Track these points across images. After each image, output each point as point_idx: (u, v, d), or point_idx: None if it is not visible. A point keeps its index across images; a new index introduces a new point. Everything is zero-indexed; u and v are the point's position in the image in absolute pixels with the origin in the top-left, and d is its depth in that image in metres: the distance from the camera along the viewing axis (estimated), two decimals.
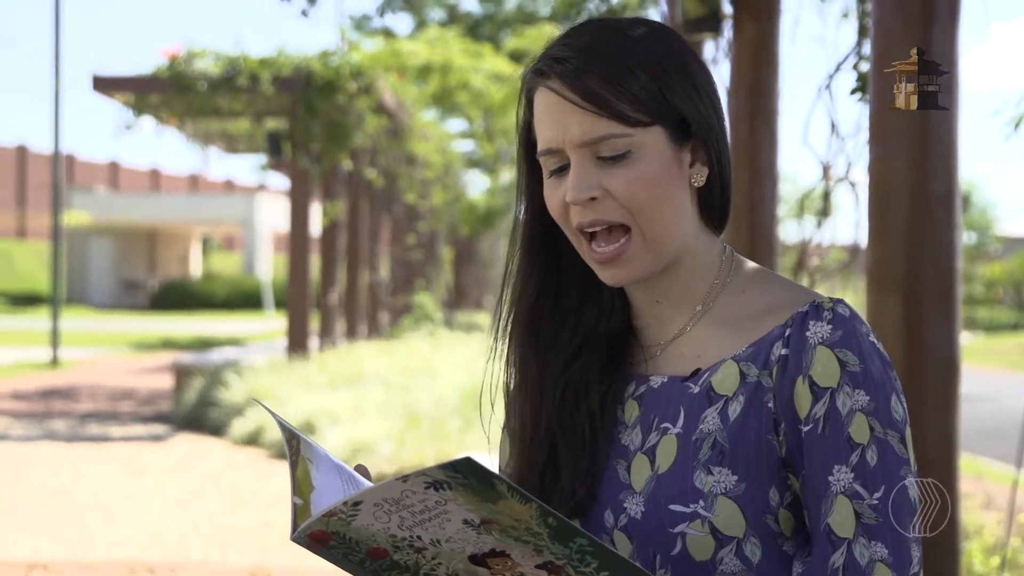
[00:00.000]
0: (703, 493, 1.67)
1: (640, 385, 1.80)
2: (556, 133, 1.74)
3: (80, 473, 12.25)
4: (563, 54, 1.75)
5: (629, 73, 1.72)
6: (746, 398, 1.70)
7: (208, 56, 16.68)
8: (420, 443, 10.71)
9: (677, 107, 1.74)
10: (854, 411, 1.65)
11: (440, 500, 1.53)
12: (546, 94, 1.75)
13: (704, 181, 1.78)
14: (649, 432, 1.75)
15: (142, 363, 26.15)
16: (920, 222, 4.38)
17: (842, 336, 1.67)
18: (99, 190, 57.70)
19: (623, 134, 1.71)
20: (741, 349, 1.73)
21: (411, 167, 23.38)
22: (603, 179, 1.72)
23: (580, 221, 1.75)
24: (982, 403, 17.29)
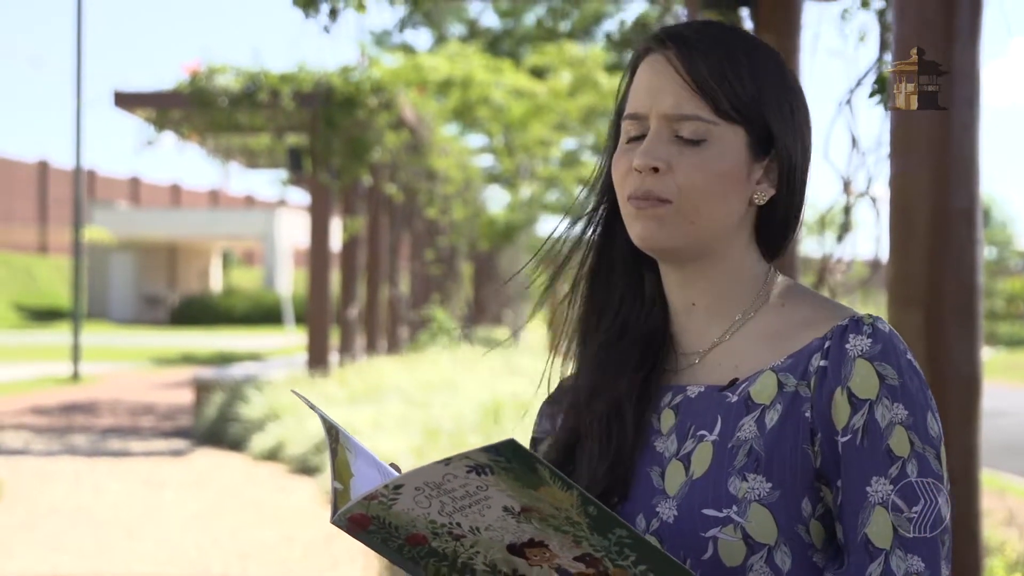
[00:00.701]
0: (737, 499, 1.68)
1: (677, 395, 1.82)
2: (648, 99, 1.79)
3: (101, 488, 12.27)
4: (686, 32, 1.80)
5: (739, 70, 1.77)
6: (784, 407, 1.71)
7: (229, 72, 16.73)
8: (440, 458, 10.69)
9: (768, 118, 1.78)
10: (893, 424, 1.66)
11: (481, 485, 1.53)
12: (656, 61, 1.80)
13: (765, 200, 1.80)
14: (685, 439, 1.77)
15: (162, 378, 26.20)
16: (941, 237, 4.37)
17: (881, 350, 1.69)
18: (120, 205, 57.85)
19: (708, 120, 1.75)
20: (779, 360, 1.75)
21: (431, 182, 23.41)
22: (672, 155, 1.76)
23: (636, 186, 1.78)
24: (1003, 418, 17.23)
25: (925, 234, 4.39)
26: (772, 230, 1.84)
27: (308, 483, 12.31)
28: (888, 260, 4.63)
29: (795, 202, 1.83)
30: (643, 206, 1.77)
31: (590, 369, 1.88)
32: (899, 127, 4.49)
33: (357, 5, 6.86)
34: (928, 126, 4.37)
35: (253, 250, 67.59)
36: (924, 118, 4.38)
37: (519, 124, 29.51)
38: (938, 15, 4.29)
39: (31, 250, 58.33)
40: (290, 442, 13.61)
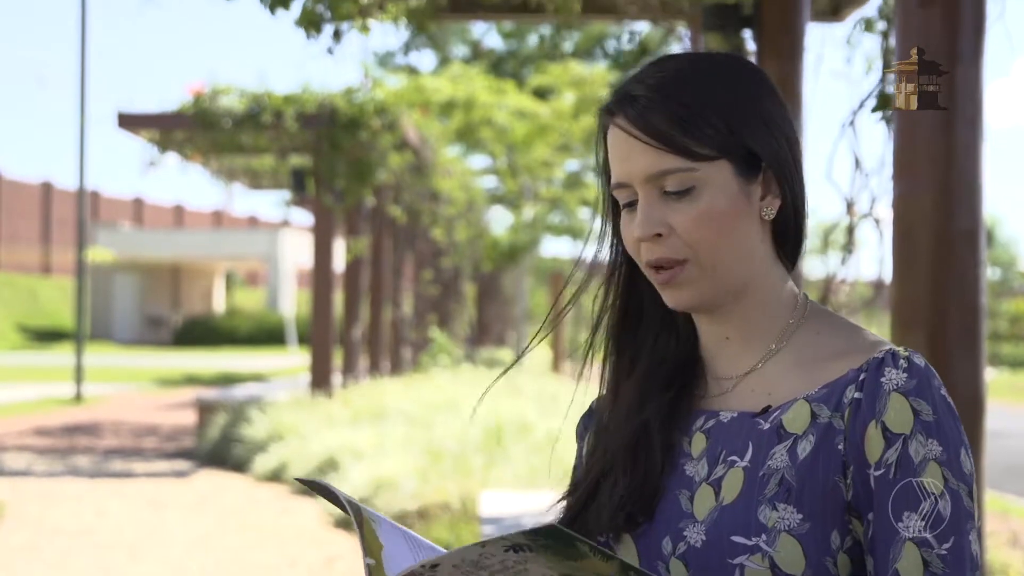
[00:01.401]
0: (766, 528, 1.67)
1: (709, 420, 1.81)
2: (624, 168, 1.78)
3: (103, 509, 12.26)
4: (634, 91, 1.78)
5: (697, 111, 1.74)
6: (816, 438, 1.70)
7: (233, 93, 16.75)
8: (443, 479, 10.69)
9: (746, 142, 1.76)
10: (927, 460, 1.65)
11: (519, 560, 1.53)
12: (615, 131, 1.79)
13: (775, 214, 1.80)
14: (716, 464, 1.76)
15: (165, 399, 26.19)
16: (944, 258, 4.38)
17: (917, 385, 1.68)
18: (123, 226, 57.89)
19: (687, 168, 1.74)
20: (814, 390, 1.74)
21: (434, 203, 23.42)
22: (668, 215, 1.75)
23: (648, 258, 1.78)
24: (1007, 439, 17.21)
25: (928, 255, 4.39)
26: (791, 233, 1.84)
27: (311, 505, 12.29)
28: (891, 281, 4.63)
29: (800, 196, 1.83)
30: (663, 276, 1.77)
31: (623, 396, 1.88)
32: (902, 148, 4.49)
33: (361, 27, 6.88)
34: (931, 147, 4.37)
35: (256, 271, 67.61)
36: (927, 139, 4.38)
37: (522, 145, 29.53)
38: (941, 36, 4.30)
39: (34, 271, 58.38)
40: (293, 463, 13.59)
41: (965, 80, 4.34)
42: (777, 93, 1.83)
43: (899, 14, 4.52)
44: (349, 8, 6.63)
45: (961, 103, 4.33)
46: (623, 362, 1.90)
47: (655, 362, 1.87)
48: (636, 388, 1.87)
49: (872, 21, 6.95)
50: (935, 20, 4.33)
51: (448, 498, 10.09)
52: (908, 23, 4.44)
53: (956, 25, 4.30)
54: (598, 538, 1.79)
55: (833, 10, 8.04)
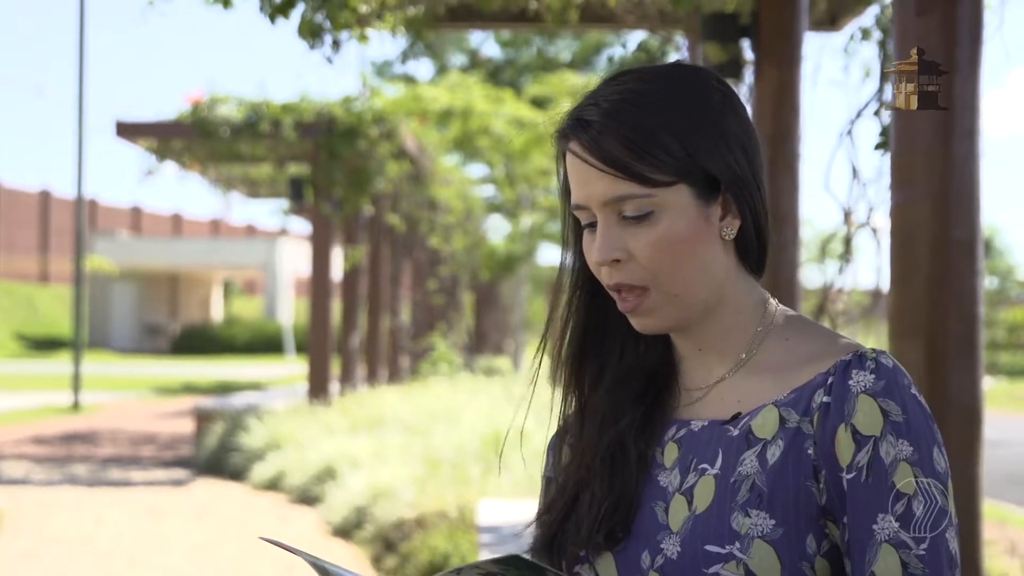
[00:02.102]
0: (739, 535, 1.67)
1: (680, 429, 1.81)
2: (582, 192, 1.77)
3: (102, 518, 12.25)
4: (587, 116, 1.76)
5: (651, 136, 1.73)
6: (785, 443, 1.70)
7: (231, 102, 16.76)
8: (441, 488, 10.68)
9: (703, 165, 1.74)
10: (898, 461, 1.65)
11: None
12: (571, 152, 1.78)
13: (735, 233, 1.78)
14: (687, 473, 1.76)
15: (163, 407, 26.18)
16: (942, 268, 4.39)
17: (885, 386, 1.68)
18: (121, 235, 57.85)
19: (644, 195, 1.73)
20: (782, 395, 1.74)
21: (432, 212, 23.43)
22: (627, 239, 1.75)
23: (608, 282, 1.78)
24: (1005, 448, 17.21)
25: (926, 264, 4.40)
26: (753, 248, 1.82)
27: (309, 513, 12.29)
28: (889, 290, 4.64)
29: (761, 212, 1.81)
30: (627, 305, 1.77)
31: (593, 408, 1.88)
32: (900, 157, 4.50)
33: (360, 36, 6.89)
34: (929, 157, 4.39)
35: (254, 279, 67.58)
36: (925, 149, 4.39)
37: (520, 154, 29.54)
38: (938, 46, 4.31)
39: (32, 279, 58.34)
40: (291, 472, 13.59)
41: (963, 90, 4.36)
42: (739, 106, 1.81)
43: (896, 24, 4.53)
44: (348, 17, 6.65)
45: (959, 113, 4.34)
46: (590, 375, 1.89)
47: (623, 373, 1.87)
48: (607, 401, 1.86)
49: (869, 30, 6.97)
50: (932, 30, 4.34)
51: (446, 507, 10.09)
52: (905, 33, 4.45)
53: (953, 35, 4.31)
54: (579, 553, 1.79)
55: (831, 19, 8.06)
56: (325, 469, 12.89)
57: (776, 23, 7.00)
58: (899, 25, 4.50)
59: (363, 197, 17.50)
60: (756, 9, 7.10)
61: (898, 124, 4.51)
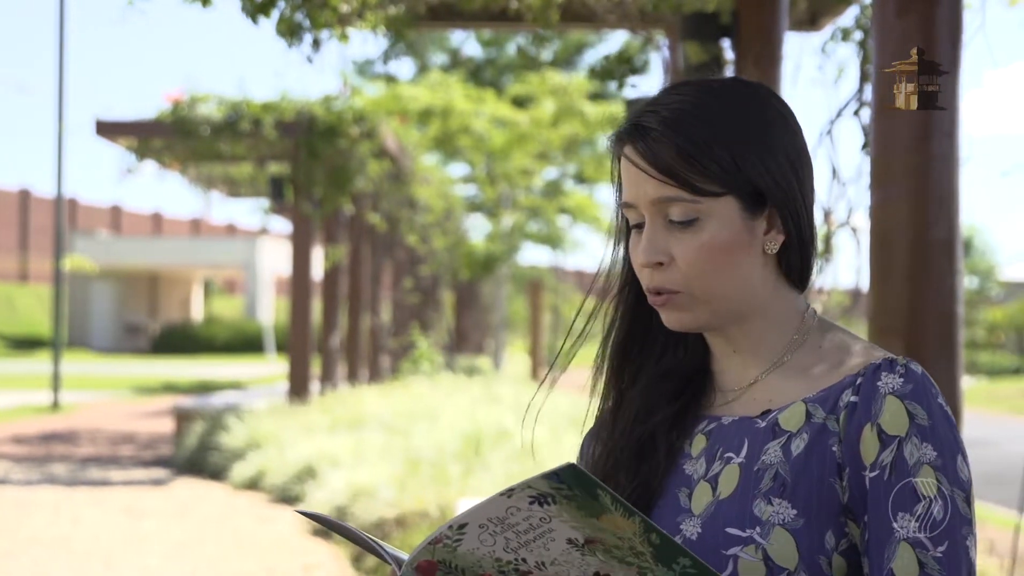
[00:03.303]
0: (761, 521, 1.70)
1: (711, 423, 1.85)
2: (633, 192, 1.82)
3: (80, 518, 12.22)
4: (646, 123, 1.81)
5: (705, 148, 1.77)
6: (810, 437, 1.73)
7: (211, 101, 16.73)
8: (421, 488, 10.68)
9: (752, 179, 1.79)
10: (921, 463, 1.67)
11: (544, 517, 1.53)
12: (626, 155, 1.82)
13: (778, 248, 1.83)
14: (713, 461, 1.80)
15: (143, 407, 26.12)
16: (921, 267, 4.39)
17: (913, 390, 1.71)
18: (101, 234, 57.73)
19: (692, 200, 1.77)
20: (812, 393, 1.77)
21: (412, 211, 23.42)
22: (672, 244, 1.79)
23: (647, 284, 1.83)
24: (984, 448, 17.25)
25: (905, 264, 4.40)
26: (796, 263, 1.86)
27: (289, 512, 12.27)
28: (869, 289, 4.64)
29: (807, 228, 1.86)
30: (658, 301, 1.82)
31: (628, 405, 1.92)
32: (879, 157, 4.51)
33: (340, 35, 6.87)
34: (908, 157, 4.39)
35: (235, 279, 67.48)
36: (904, 149, 4.40)
37: (501, 153, 29.53)
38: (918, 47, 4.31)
39: (11, 278, 58.20)
40: (271, 471, 13.57)
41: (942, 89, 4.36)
42: (793, 124, 1.85)
43: (876, 24, 4.53)
44: (328, 17, 6.63)
45: (938, 113, 4.34)
46: (628, 375, 1.93)
47: (660, 374, 1.91)
48: (642, 398, 1.90)
49: (849, 31, 6.98)
50: (912, 30, 4.35)
51: (426, 506, 10.08)
52: (885, 33, 4.45)
53: (933, 36, 4.32)
54: None
55: (811, 19, 8.06)
56: (305, 468, 12.88)
57: (756, 23, 7.01)
58: (879, 25, 4.50)
59: (343, 196, 17.49)
60: (736, 9, 7.10)
61: (877, 124, 4.51)
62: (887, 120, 4.43)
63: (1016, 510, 6.20)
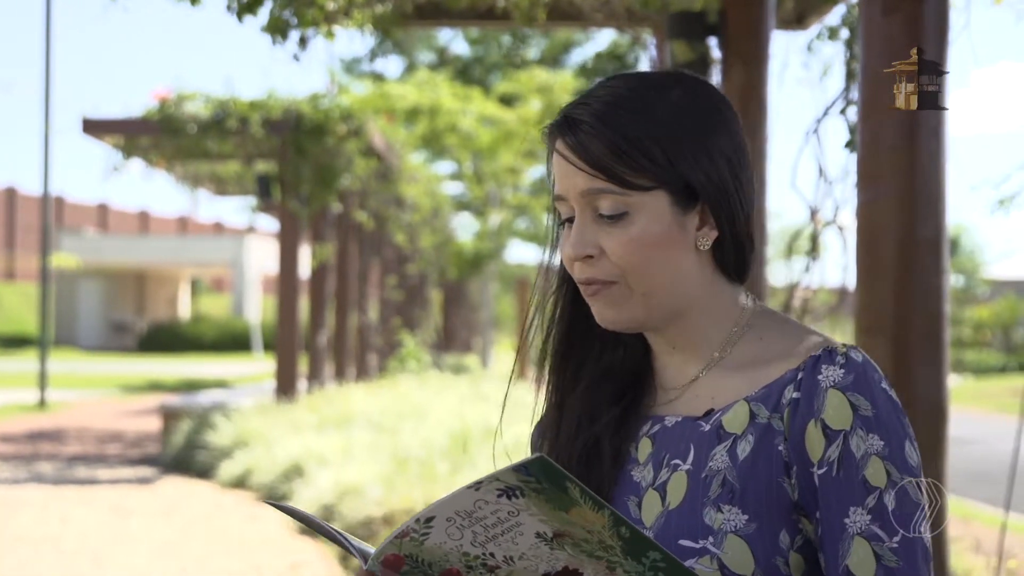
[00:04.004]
0: (712, 530, 1.68)
1: (655, 425, 1.83)
2: (563, 185, 1.80)
3: (67, 516, 12.20)
4: (578, 116, 1.79)
5: (636, 142, 1.75)
6: (755, 438, 1.71)
7: (198, 99, 16.71)
8: (409, 486, 10.67)
9: (684, 174, 1.76)
10: (869, 455, 1.66)
11: (513, 510, 1.52)
12: (557, 148, 1.81)
13: (710, 244, 1.80)
14: (660, 468, 1.78)
15: (130, 405, 26.08)
16: (908, 266, 4.40)
17: (854, 380, 1.69)
18: (88, 232, 57.65)
19: (621, 193, 1.75)
20: (754, 391, 1.75)
21: (400, 210, 23.41)
22: (601, 237, 1.77)
23: (578, 276, 1.81)
24: (970, 446, 17.29)
25: (892, 263, 4.41)
26: (731, 259, 1.83)
27: (276, 512, 12.24)
28: (855, 288, 4.66)
29: (742, 227, 1.82)
30: (591, 291, 1.80)
31: (571, 408, 1.89)
32: (866, 157, 4.52)
33: (327, 33, 6.87)
34: (895, 155, 4.40)
35: (222, 277, 67.42)
36: (891, 148, 4.41)
37: (488, 152, 29.53)
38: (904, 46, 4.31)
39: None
40: (258, 470, 13.55)
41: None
42: (731, 119, 1.83)
43: (862, 23, 4.54)
44: (315, 15, 6.63)
45: (924, 112, 4.35)
46: (569, 373, 1.91)
47: (601, 374, 1.89)
48: (584, 400, 1.88)
49: (836, 29, 6.99)
50: (898, 29, 4.36)
51: (414, 505, 10.07)
52: (872, 32, 4.46)
53: (919, 35, 4.33)
54: None
55: (798, 18, 8.07)
56: (292, 467, 12.87)
57: (743, 22, 7.02)
58: (865, 24, 4.52)
59: (330, 194, 17.47)
60: (723, 8, 7.11)
61: (864, 123, 4.52)
62: (874, 119, 4.44)
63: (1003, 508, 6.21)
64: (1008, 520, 6.19)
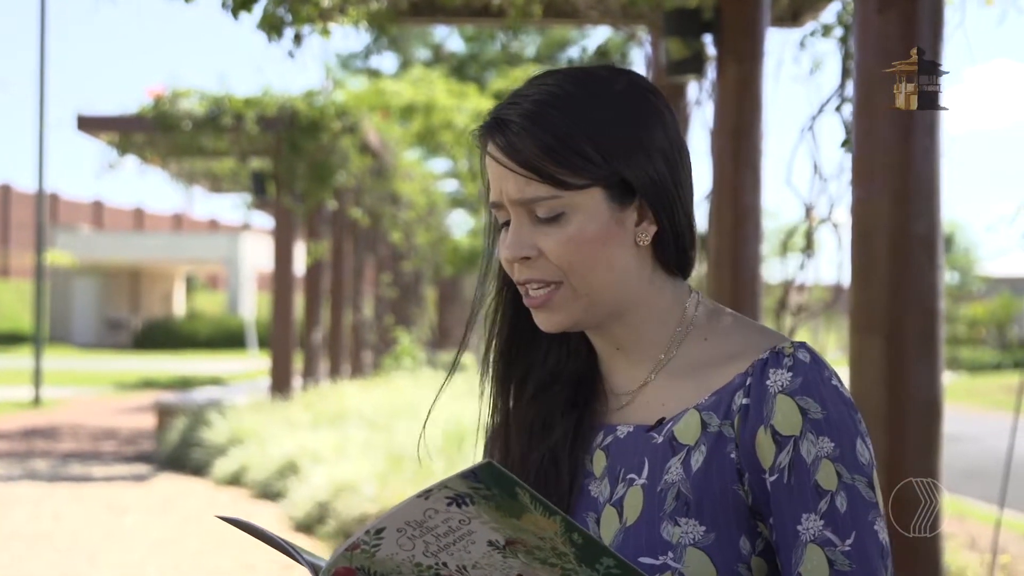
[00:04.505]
0: (671, 544, 1.66)
1: (607, 435, 1.80)
2: (497, 189, 1.76)
3: (62, 514, 12.19)
4: (508, 116, 1.75)
5: (567, 140, 1.71)
6: (708, 448, 1.69)
7: (193, 96, 16.69)
8: (403, 484, 10.67)
9: (618, 170, 1.73)
10: (820, 458, 1.64)
11: (464, 518, 1.49)
12: (488, 152, 1.77)
13: (650, 240, 1.77)
14: (616, 483, 1.75)
15: (124, 403, 26.06)
16: (902, 263, 4.40)
17: (803, 383, 1.66)
18: (83, 229, 57.60)
19: (554, 196, 1.72)
20: (703, 398, 1.73)
21: (395, 207, 23.40)
22: (538, 238, 1.74)
23: (517, 278, 1.78)
24: (965, 443, 17.30)
25: (886, 260, 4.41)
26: (672, 254, 1.80)
27: (271, 508, 12.26)
28: (850, 285, 4.66)
29: (682, 220, 1.79)
30: (534, 299, 1.77)
31: (520, 419, 1.87)
32: (860, 154, 4.52)
33: (322, 30, 6.87)
34: (889, 152, 4.40)
35: (217, 274, 67.38)
36: (885, 145, 4.41)
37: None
38: (899, 43, 4.32)
39: None
40: (253, 467, 13.55)
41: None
42: (665, 112, 1.80)
43: (857, 20, 4.54)
44: (310, 12, 6.63)
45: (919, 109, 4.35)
46: (516, 380, 1.89)
47: (548, 378, 1.86)
48: (534, 410, 1.85)
49: (831, 27, 6.99)
50: (893, 26, 4.36)
51: None
52: (866, 29, 4.46)
53: (914, 31, 4.33)
54: None
55: (793, 15, 8.08)
56: (287, 464, 12.86)
57: (738, 19, 7.02)
58: (860, 21, 4.51)
59: (325, 191, 17.46)
60: (718, 5, 7.11)
61: (859, 120, 4.52)
62: (868, 116, 4.44)
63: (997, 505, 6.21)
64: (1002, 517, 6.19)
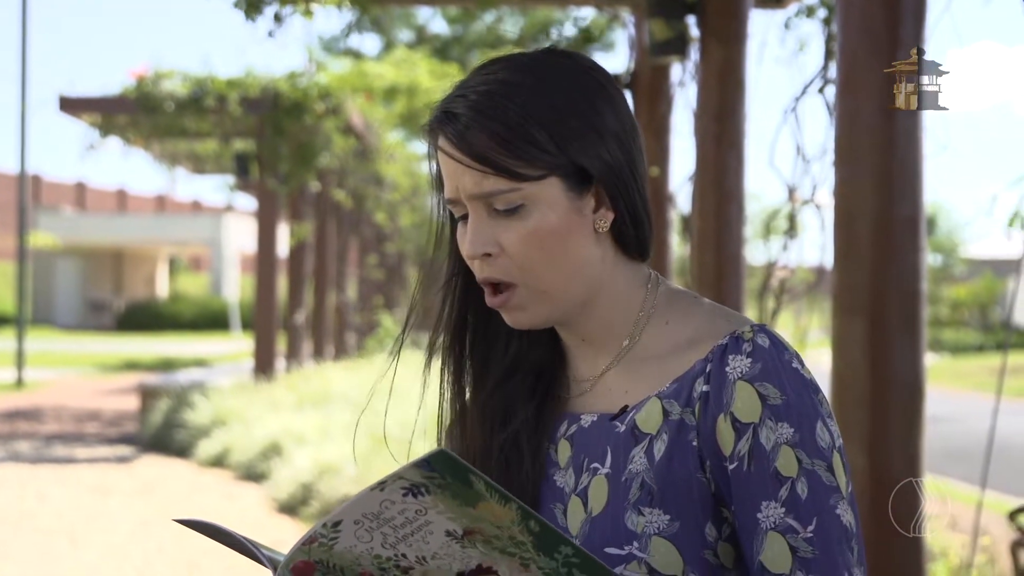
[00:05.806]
0: (636, 534, 1.65)
1: (571, 424, 1.78)
2: (452, 185, 1.73)
3: (45, 495, 12.18)
4: (455, 109, 1.72)
5: (519, 130, 1.68)
6: (670, 437, 1.68)
7: (176, 77, 16.64)
8: (387, 465, 10.68)
9: (574, 157, 1.70)
10: (779, 445, 1.62)
11: (420, 509, 1.48)
12: (440, 146, 1.74)
13: (608, 226, 1.74)
14: (581, 473, 1.74)
15: (108, 384, 26.03)
16: (885, 244, 4.41)
17: (762, 369, 1.65)
18: (65, 210, 57.43)
19: (512, 189, 1.69)
20: (665, 386, 1.71)
21: (379, 188, 23.37)
22: (498, 233, 1.71)
23: (479, 276, 1.75)
24: (947, 424, 17.35)
25: (869, 241, 4.42)
26: (632, 238, 1.78)
27: (254, 490, 12.26)
28: (833, 267, 4.66)
29: (639, 203, 1.76)
30: (496, 300, 1.74)
31: (481, 407, 1.85)
32: (843, 135, 4.52)
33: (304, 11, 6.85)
34: (872, 134, 4.40)
35: (200, 256, 67.26)
36: (868, 126, 4.41)
37: None
38: (882, 25, 4.32)
39: None
40: (236, 449, 13.55)
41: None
42: (615, 94, 1.77)
43: (840, 1, 4.54)
44: None
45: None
46: (474, 369, 1.86)
47: (509, 366, 1.83)
48: (496, 399, 1.83)
49: (814, 8, 6.99)
50: (876, 7, 4.36)
51: None
52: (849, 10, 4.46)
53: (897, 13, 4.33)
54: None
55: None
56: (271, 446, 12.87)
57: (722, 0, 7.01)
58: (843, 2, 4.51)
59: (309, 172, 17.44)
60: None
61: (841, 101, 4.52)
62: (852, 98, 4.44)
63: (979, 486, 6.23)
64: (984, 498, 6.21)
